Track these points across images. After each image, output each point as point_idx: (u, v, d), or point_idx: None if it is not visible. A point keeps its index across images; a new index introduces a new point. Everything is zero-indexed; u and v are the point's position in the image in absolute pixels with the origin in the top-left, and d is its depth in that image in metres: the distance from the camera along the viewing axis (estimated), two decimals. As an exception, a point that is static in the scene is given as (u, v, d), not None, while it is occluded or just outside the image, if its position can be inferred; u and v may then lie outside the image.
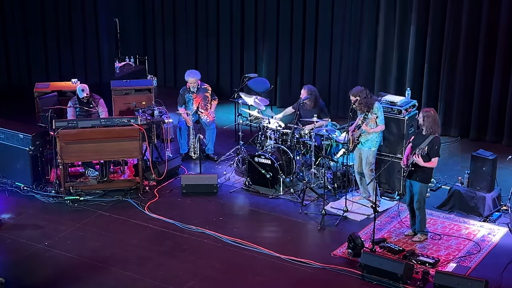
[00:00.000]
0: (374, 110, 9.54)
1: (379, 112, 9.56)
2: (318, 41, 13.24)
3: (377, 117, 9.54)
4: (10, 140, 10.44)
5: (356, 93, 9.58)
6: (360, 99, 9.52)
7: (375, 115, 9.53)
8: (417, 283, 8.12)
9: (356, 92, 9.59)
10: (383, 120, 9.65)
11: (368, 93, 9.62)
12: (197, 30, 14.42)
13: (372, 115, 9.53)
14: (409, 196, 9.01)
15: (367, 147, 9.68)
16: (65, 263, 8.66)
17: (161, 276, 8.38)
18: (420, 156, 8.62)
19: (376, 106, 9.59)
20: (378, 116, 9.54)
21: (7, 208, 9.96)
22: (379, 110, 9.59)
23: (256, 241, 9.07)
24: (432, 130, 8.75)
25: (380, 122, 9.60)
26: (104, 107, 10.90)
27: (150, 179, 10.60)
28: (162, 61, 15.00)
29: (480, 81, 11.95)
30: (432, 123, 8.74)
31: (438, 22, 12.04)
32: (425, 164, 8.68)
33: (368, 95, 9.58)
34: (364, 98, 9.52)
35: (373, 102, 9.61)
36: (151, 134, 10.60)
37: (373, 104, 9.57)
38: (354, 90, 9.67)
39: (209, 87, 11.56)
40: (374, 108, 9.55)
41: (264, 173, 10.33)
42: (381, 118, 9.59)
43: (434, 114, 8.83)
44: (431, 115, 8.77)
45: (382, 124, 9.63)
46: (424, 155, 8.61)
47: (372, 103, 9.57)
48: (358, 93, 9.56)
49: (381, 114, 9.60)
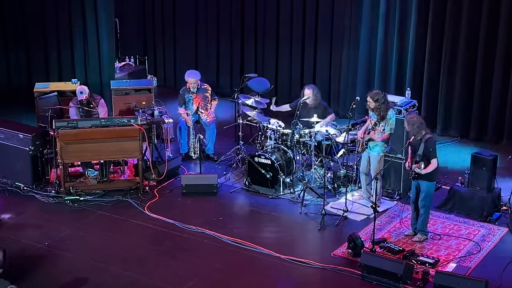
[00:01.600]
0: (388, 121, 9.45)
1: (390, 121, 9.49)
2: (318, 41, 13.25)
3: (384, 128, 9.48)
4: (10, 140, 10.44)
5: (374, 96, 9.43)
6: (378, 104, 9.43)
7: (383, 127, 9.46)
8: (417, 283, 8.11)
9: (374, 95, 9.44)
10: (393, 129, 9.56)
11: (386, 98, 9.50)
12: (197, 30, 14.42)
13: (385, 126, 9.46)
14: (415, 194, 9.01)
15: (375, 152, 9.63)
16: (65, 263, 8.66)
17: (161, 276, 8.38)
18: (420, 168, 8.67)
19: (389, 114, 9.49)
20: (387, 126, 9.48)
21: (7, 208, 9.96)
22: (392, 119, 9.50)
23: (256, 241, 9.07)
24: (421, 134, 8.77)
25: (388, 131, 9.56)
26: (104, 107, 10.90)
27: (150, 179, 10.60)
28: (162, 61, 15.01)
29: (480, 81, 11.96)
30: (416, 129, 8.77)
31: (438, 22, 12.04)
32: (427, 170, 8.72)
33: (386, 101, 9.47)
34: (382, 104, 9.43)
35: (389, 108, 9.53)
36: (151, 134, 10.60)
37: (388, 110, 9.50)
38: (372, 92, 9.52)
39: (209, 87, 11.56)
40: (388, 117, 9.45)
41: (264, 173, 10.33)
42: (390, 128, 9.53)
43: (417, 118, 8.85)
44: (414, 121, 8.82)
45: (388, 133, 9.58)
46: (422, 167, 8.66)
47: (388, 109, 9.51)
48: (376, 97, 9.42)
49: (392, 122, 9.52)
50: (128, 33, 14.85)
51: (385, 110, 9.48)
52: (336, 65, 13.16)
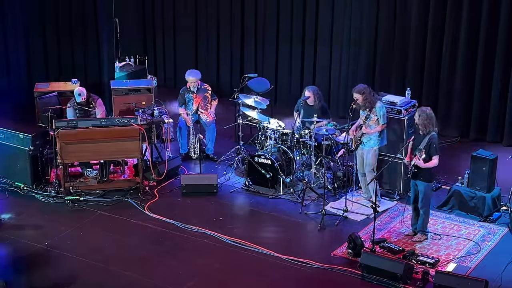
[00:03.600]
0: (376, 110, 9.53)
1: (381, 112, 9.55)
2: (318, 41, 13.24)
3: (378, 118, 9.52)
4: (10, 140, 10.43)
5: (360, 90, 9.55)
6: (364, 96, 9.50)
7: (376, 117, 9.52)
8: (417, 283, 8.11)
9: (360, 89, 9.56)
10: (385, 119, 9.63)
11: (371, 90, 9.61)
12: (197, 30, 14.42)
13: (374, 116, 9.53)
14: (414, 194, 9.01)
15: (369, 146, 9.68)
16: (65, 263, 8.66)
17: (161, 276, 8.38)
18: (420, 158, 8.64)
19: (378, 105, 9.57)
20: (380, 117, 9.53)
21: (7, 208, 9.95)
22: (381, 110, 9.58)
23: (256, 241, 9.07)
24: (427, 129, 8.73)
25: (382, 122, 9.58)
26: (102, 107, 10.90)
27: (150, 179, 10.60)
28: (162, 61, 15.01)
29: (480, 81, 11.95)
30: (425, 121, 8.70)
31: (438, 21, 12.04)
32: (426, 165, 8.69)
33: (371, 93, 9.56)
34: (368, 94, 9.50)
35: (376, 100, 9.59)
36: (151, 134, 10.60)
37: (375, 102, 9.56)
38: (357, 87, 9.64)
39: (209, 87, 11.56)
40: (376, 108, 9.54)
41: (264, 173, 10.33)
42: (382, 118, 9.58)
43: (429, 112, 8.80)
44: (426, 113, 8.76)
45: (382, 124, 9.61)
46: (423, 157, 8.62)
47: (375, 101, 9.56)
48: (362, 90, 9.53)
49: (383, 113, 9.58)
50: (128, 33, 14.84)
51: (373, 103, 9.52)
52: (336, 65, 13.15)
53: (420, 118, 8.75)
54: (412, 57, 12.37)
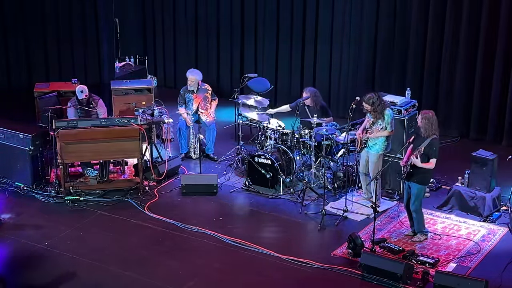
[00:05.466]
0: (385, 119, 9.48)
1: (389, 120, 9.49)
2: (318, 40, 13.25)
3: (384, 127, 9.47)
4: (10, 140, 10.43)
5: (369, 100, 9.44)
6: (374, 107, 9.44)
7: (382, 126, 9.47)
8: (417, 283, 8.11)
9: (369, 99, 9.44)
10: (393, 126, 9.57)
11: (379, 97, 9.51)
12: (197, 30, 14.43)
13: (381, 123, 9.48)
14: (407, 197, 9.01)
15: (374, 150, 9.65)
16: (65, 263, 8.65)
17: (161, 276, 8.38)
18: (418, 157, 8.63)
19: (386, 113, 9.50)
20: (387, 125, 9.48)
21: (7, 208, 9.96)
22: (390, 117, 9.51)
23: (256, 241, 9.07)
24: (429, 133, 8.72)
25: (389, 129, 9.55)
26: (103, 107, 10.90)
27: (150, 179, 10.60)
28: (162, 61, 15.01)
29: (480, 81, 11.96)
30: (428, 125, 8.70)
31: (438, 21, 12.05)
32: (423, 165, 8.69)
33: (381, 102, 9.49)
34: (377, 104, 9.45)
35: (385, 107, 9.54)
36: (151, 134, 10.60)
37: (384, 109, 9.51)
38: (366, 97, 9.51)
39: (210, 87, 11.56)
40: (385, 116, 9.48)
41: (264, 173, 10.33)
42: (390, 125, 9.53)
43: (432, 116, 8.77)
44: (428, 117, 8.75)
45: (390, 131, 9.57)
46: (421, 155, 8.62)
47: (385, 108, 9.52)
48: (371, 100, 9.42)
49: (391, 121, 9.52)
50: (128, 33, 14.84)
51: (382, 111, 9.49)
52: (336, 64, 13.16)
53: (423, 122, 8.75)
54: (412, 57, 12.38)
